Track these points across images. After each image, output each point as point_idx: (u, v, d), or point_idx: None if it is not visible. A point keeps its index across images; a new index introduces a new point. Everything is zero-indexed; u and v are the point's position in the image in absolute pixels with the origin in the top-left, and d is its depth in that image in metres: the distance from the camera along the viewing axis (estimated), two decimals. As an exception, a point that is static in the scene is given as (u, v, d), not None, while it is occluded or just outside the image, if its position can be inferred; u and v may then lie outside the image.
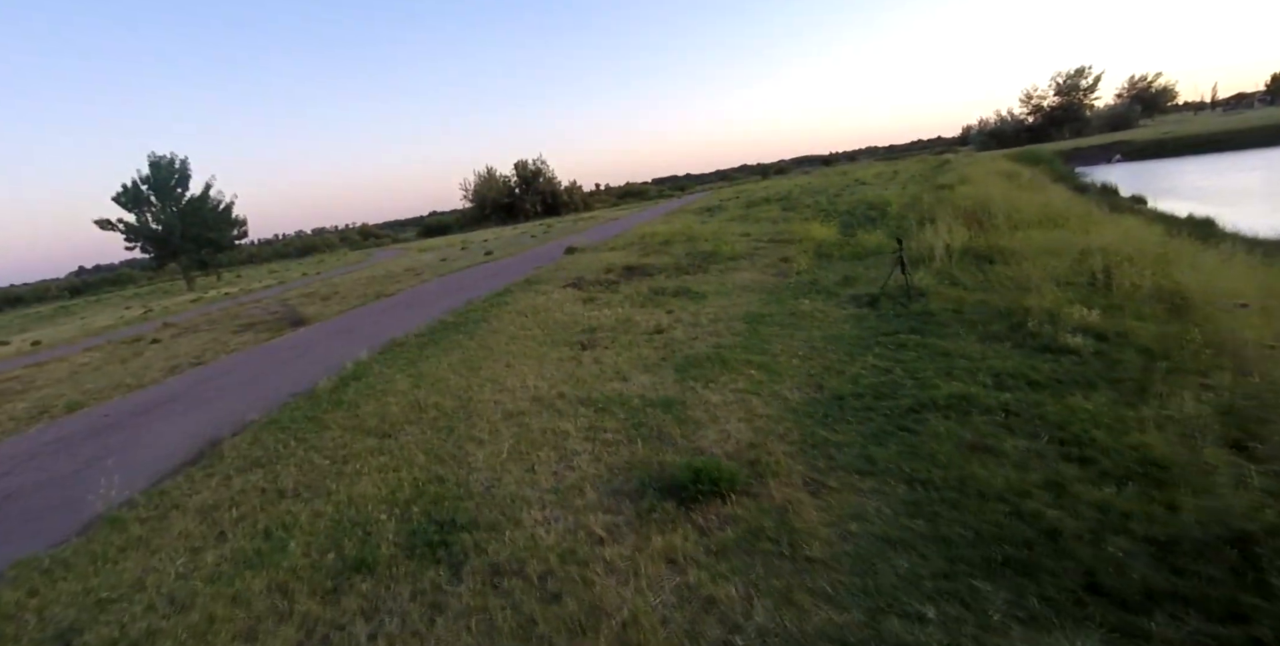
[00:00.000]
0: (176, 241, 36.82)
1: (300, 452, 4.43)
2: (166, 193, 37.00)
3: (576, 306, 8.56)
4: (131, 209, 36.57)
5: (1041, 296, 5.99)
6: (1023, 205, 12.32)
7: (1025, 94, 60.10)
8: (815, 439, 3.72)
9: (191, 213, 37.43)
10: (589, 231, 24.85)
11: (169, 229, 36.58)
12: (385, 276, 19.35)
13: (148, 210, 36.86)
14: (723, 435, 3.89)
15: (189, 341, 12.45)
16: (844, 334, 5.95)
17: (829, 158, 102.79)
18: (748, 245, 13.23)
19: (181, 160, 37.49)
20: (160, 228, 36.77)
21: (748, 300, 7.93)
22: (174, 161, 37.25)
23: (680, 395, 4.64)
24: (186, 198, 37.70)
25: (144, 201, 36.69)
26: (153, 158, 36.86)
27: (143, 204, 36.71)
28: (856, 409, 4.14)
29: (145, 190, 36.60)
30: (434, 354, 6.79)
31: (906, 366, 4.87)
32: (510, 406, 4.78)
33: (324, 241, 72.17)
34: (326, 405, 5.42)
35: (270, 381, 7.08)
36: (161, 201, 37.00)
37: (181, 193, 37.58)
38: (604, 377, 5.26)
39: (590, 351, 6.18)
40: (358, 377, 6.22)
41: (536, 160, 55.92)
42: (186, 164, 37.65)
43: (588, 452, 3.83)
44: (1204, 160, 29.72)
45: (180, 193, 37.52)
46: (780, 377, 4.84)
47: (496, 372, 5.73)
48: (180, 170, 37.41)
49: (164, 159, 37.00)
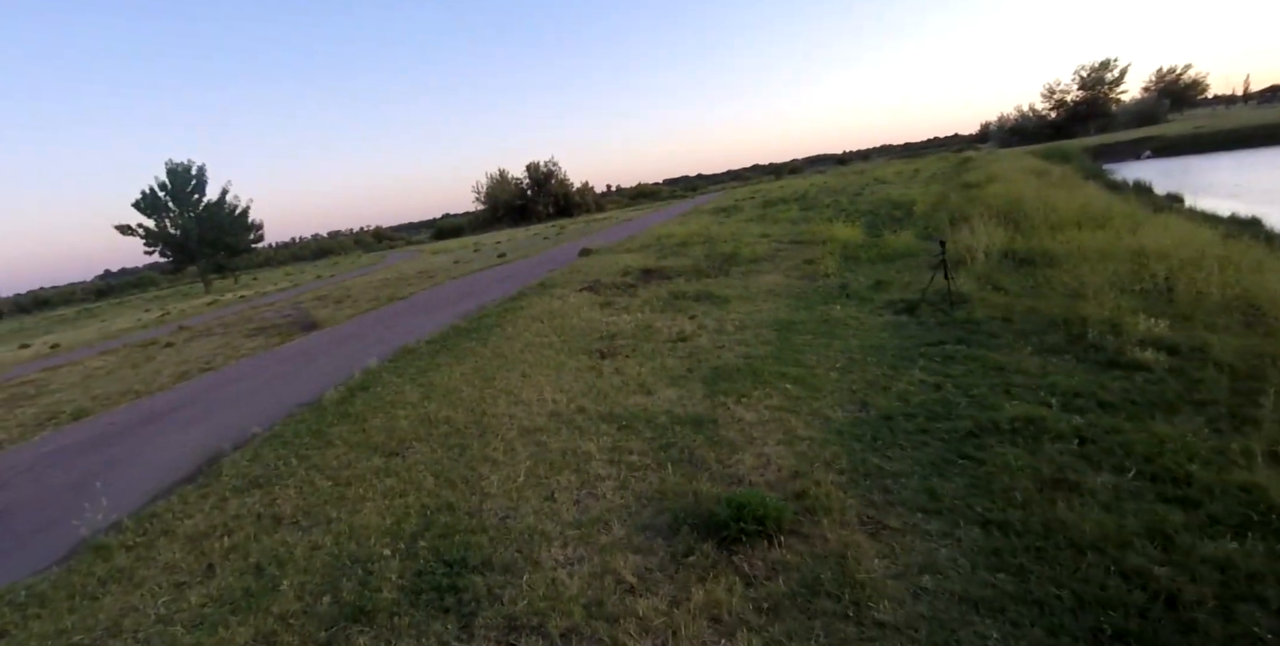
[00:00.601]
0: (194, 246, 37.20)
1: (301, 472, 4.11)
2: (184, 198, 37.41)
3: (594, 311, 8.21)
4: (150, 214, 37.01)
5: (1100, 304, 5.53)
6: (1059, 204, 11.75)
7: (1047, 88, 58.48)
8: (867, 467, 3.33)
9: (208, 218, 37.81)
10: (603, 233, 24.52)
11: (186, 233, 36.97)
12: (398, 279, 19.17)
13: (166, 215, 37.28)
14: (761, 460, 3.51)
15: (201, 345, 12.32)
16: (883, 344, 5.53)
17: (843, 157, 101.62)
18: (769, 247, 12.80)
19: (199, 167, 37.95)
20: (178, 232, 37.15)
21: (774, 305, 7.53)
22: (191, 168, 37.66)
23: (711, 412, 4.26)
24: (204, 203, 38.09)
25: (162, 207, 37.13)
26: (170, 165, 37.30)
27: (161, 209, 37.13)
28: (909, 431, 3.73)
29: (163, 196, 37.05)
30: (446, 362, 6.47)
31: (958, 382, 4.46)
32: (526, 422, 4.43)
33: (338, 244, 72.65)
34: (332, 418, 5.11)
35: (277, 390, 6.81)
36: (179, 207, 37.43)
37: (199, 198, 38.01)
38: (626, 391, 4.89)
39: (610, 361, 5.82)
40: (366, 388, 5.91)
41: (549, 162, 55.63)
42: (204, 170, 38.10)
43: (613, 478, 3.46)
44: (1239, 156, 28.64)
45: (197, 198, 37.95)
46: (819, 393, 4.44)
47: (511, 384, 5.38)
48: (198, 176, 37.83)
49: (181, 165, 37.44)
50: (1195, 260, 6.40)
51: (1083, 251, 7.50)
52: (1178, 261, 6.37)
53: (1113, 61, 54.55)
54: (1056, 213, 10.81)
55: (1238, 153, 29.64)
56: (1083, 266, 6.81)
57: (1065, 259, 7.47)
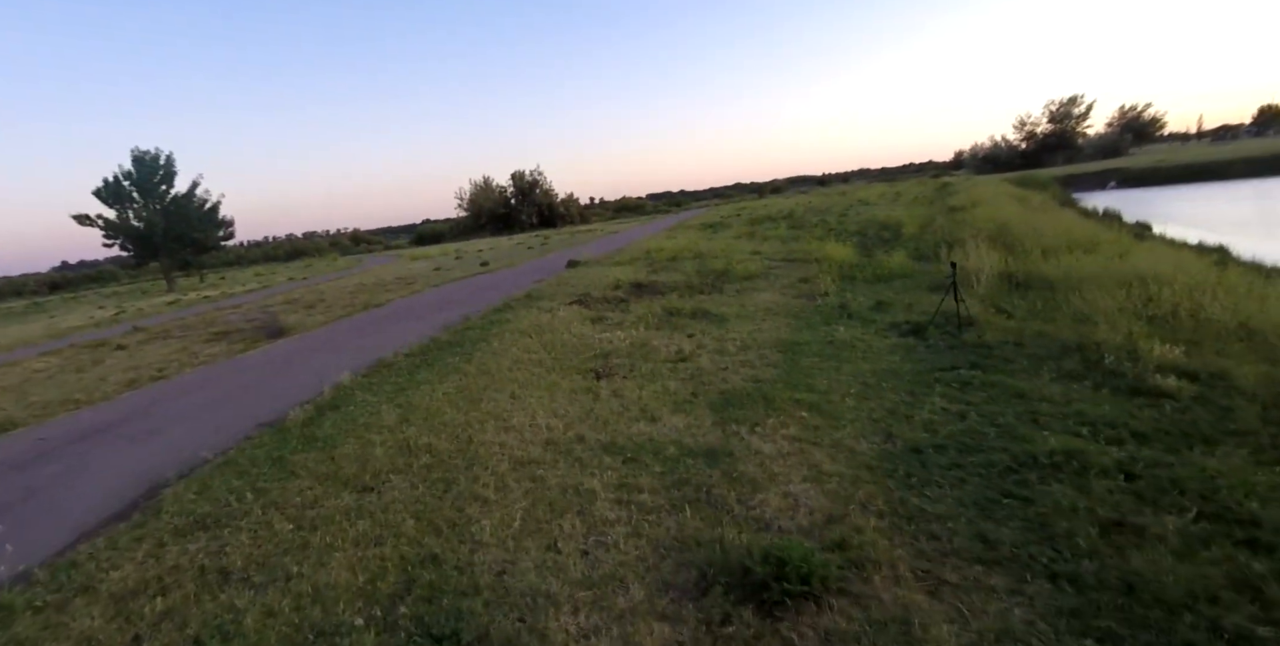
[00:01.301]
0: (158, 240, 35.40)
1: (257, 511, 3.56)
2: (150, 189, 35.58)
3: (585, 327, 7.81)
4: (112, 205, 35.13)
5: (1114, 329, 5.36)
6: (1045, 229, 11.81)
7: (1019, 120, 60.78)
8: (908, 509, 2.99)
9: (175, 211, 36.02)
10: (589, 244, 24.16)
11: (150, 227, 35.15)
12: (375, 285, 18.47)
13: (129, 207, 35.46)
14: (788, 501, 3.14)
15: (156, 349, 11.53)
16: (895, 368, 5.25)
17: (823, 178, 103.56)
18: (761, 264, 12.57)
19: (167, 156, 36.10)
20: (141, 225, 35.40)
21: (775, 325, 7.22)
22: (159, 157, 35.91)
23: (724, 443, 3.89)
24: (171, 195, 36.38)
25: (126, 197, 35.25)
26: (136, 152, 35.51)
27: (124, 200, 35.24)
28: (943, 466, 3.42)
29: (127, 186, 35.22)
30: (427, 379, 5.97)
31: (981, 410, 4.19)
32: (520, 452, 3.99)
33: (314, 246, 70.97)
34: (297, 443, 4.56)
35: (235, 405, 6.23)
36: (144, 198, 35.57)
37: (166, 190, 36.15)
38: (628, 417, 4.49)
39: (607, 382, 5.42)
40: (336, 407, 5.37)
41: (534, 171, 55.16)
42: (172, 160, 36.23)
43: (623, 522, 3.05)
44: (1197, 188, 29.81)
45: (164, 190, 36.09)
46: (838, 422, 4.11)
47: (500, 406, 4.93)
48: (165, 166, 35.99)
49: (148, 154, 35.62)
50: (1195, 286, 6.31)
51: (1081, 276, 7.39)
52: (1180, 287, 6.26)
53: (1080, 97, 56.90)
54: (1045, 237, 10.83)
55: (1195, 185, 30.88)
56: (1086, 291, 6.67)
57: (1063, 283, 7.36)
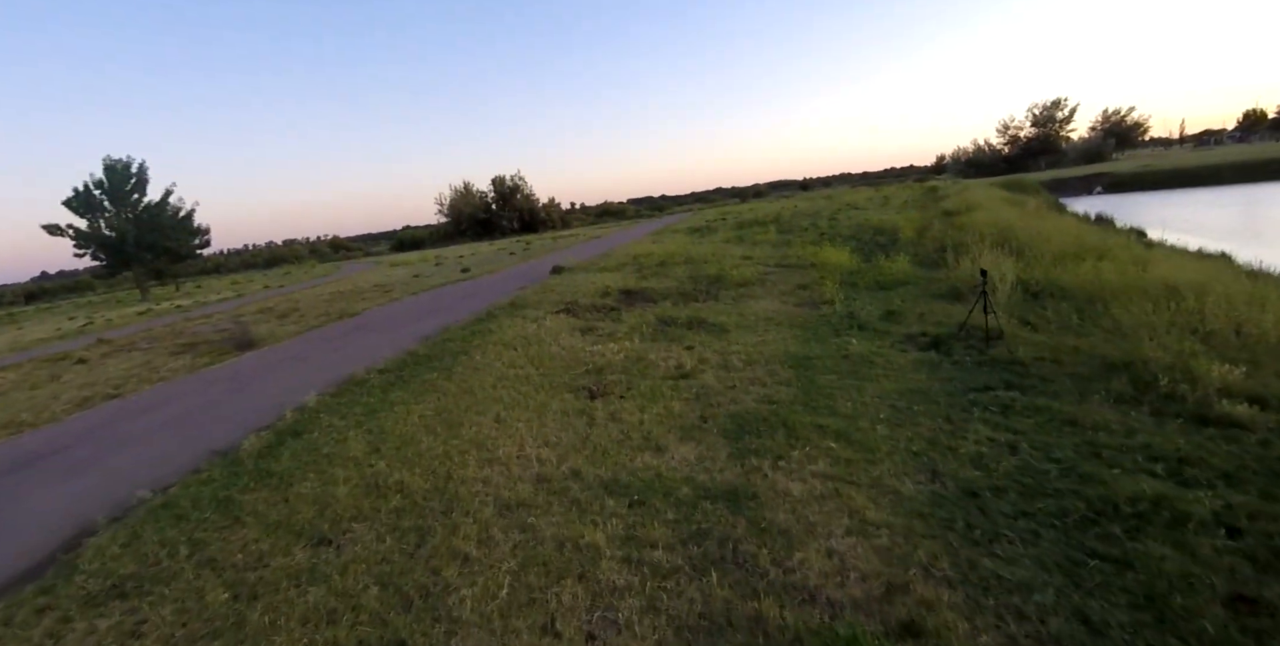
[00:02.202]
0: (130, 249, 34.39)
1: (189, 572, 2.93)
2: (122, 198, 34.65)
3: (574, 338, 7.24)
4: (84, 214, 34.13)
5: (1160, 346, 4.89)
6: (1051, 234, 11.45)
7: (1002, 124, 61.20)
8: (981, 574, 2.46)
9: (148, 219, 35.12)
10: (572, 249, 23.58)
11: (122, 236, 34.15)
12: (352, 292, 17.75)
13: (101, 216, 34.44)
14: (834, 562, 2.60)
15: (117, 363, 10.79)
16: (923, 387, 4.75)
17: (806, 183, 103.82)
18: (755, 270, 12.09)
19: (139, 164, 35.28)
20: (113, 234, 34.33)
21: (780, 337, 6.71)
22: (131, 165, 34.99)
23: (745, 481, 3.35)
24: (143, 204, 35.40)
25: (97, 207, 34.30)
26: (108, 161, 34.57)
27: (95, 209, 34.29)
28: (1008, 515, 2.90)
29: (99, 194, 34.26)
30: (401, 399, 5.36)
31: (1033, 441, 3.69)
32: (507, 492, 3.41)
33: (293, 253, 70.03)
34: (248, 479, 3.94)
35: (189, 429, 5.58)
36: (116, 207, 34.63)
37: (138, 198, 35.28)
38: (629, 445, 3.94)
39: (602, 402, 4.86)
40: (298, 433, 4.73)
41: (514, 176, 54.54)
42: (145, 168, 35.43)
43: (635, 591, 2.48)
44: (1184, 194, 29.99)
45: (136, 198, 35.21)
46: (873, 455, 3.59)
47: (483, 432, 4.34)
48: (138, 174, 35.14)
49: (120, 162, 34.72)
50: (1236, 298, 5.91)
51: (1104, 285, 6.97)
52: (1220, 299, 5.84)
53: (1063, 101, 57.32)
54: (1052, 243, 10.45)
55: (1182, 191, 31.07)
56: (1116, 302, 6.24)
57: (1087, 293, 6.94)
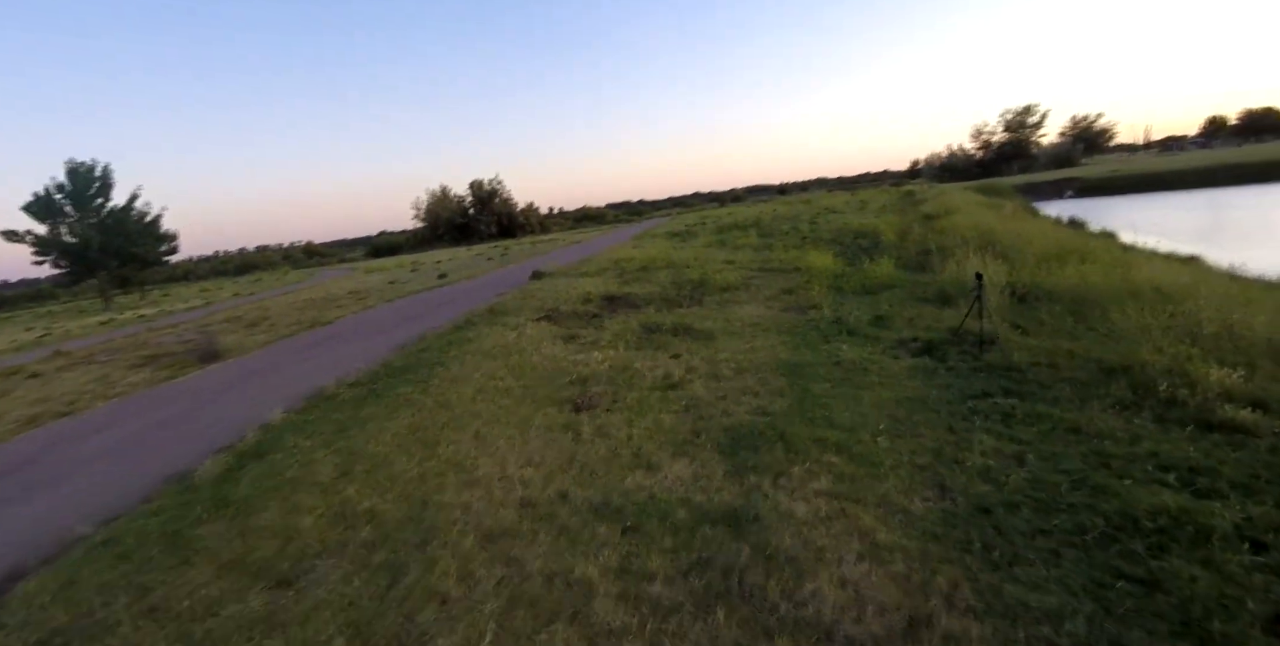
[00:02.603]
0: (94, 256, 33.17)
1: (128, 625, 2.59)
2: (84, 203, 33.48)
3: (556, 347, 6.98)
4: (44, 219, 32.89)
5: (1158, 350, 4.80)
6: (1031, 237, 11.50)
7: (975, 130, 62.32)
8: (1007, 603, 2.27)
9: (113, 225, 33.93)
10: (551, 254, 23.31)
11: (85, 242, 32.93)
12: (325, 300, 17.26)
13: (62, 221, 33.19)
14: (848, 592, 2.39)
15: (73, 377, 10.25)
16: (921, 396, 4.59)
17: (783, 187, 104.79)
18: (738, 274, 11.94)
19: (104, 167, 34.10)
20: (76, 240, 33.09)
21: (769, 343, 6.53)
22: (94, 169, 33.80)
23: (745, 501, 3.13)
24: (108, 208, 34.20)
25: (58, 212, 33.08)
26: (71, 164, 33.38)
27: (57, 214, 33.07)
28: (1024, 533, 2.73)
29: (60, 199, 33.04)
30: (374, 415, 5.04)
31: (1039, 452, 3.55)
32: (489, 519, 3.14)
33: (265, 259, 68.73)
34: (203, 509, 3.59)
35: (142, 451, 5.19)
36: (79, 212, 33.43)
37: (102, 203, 34.10)
38: (619, 463, 3.70)
39: (588, 416, 4.61)
40: (261, 455, 4.38)
41: (492, 180, 54.14)
42: (109, 172, 34.28)
43: (635, 634, 2.22)
44: (1152, 198, 30.76)
45: (100, 203, 34.03)
46: (877, 470, 3.40)
47: (463, 451, 4.06)
48: (102, 178, 33.98)
49: (83, 166, 33.54)
50: (1224, 299, 5.88)
51: (1092, 288, 6.93)
52: (1210, 302, 5.80)
53: (1034, 107, 58.52)
54: (1034, 246, 10.48)
55: (1150, 195, 31.91)
56: (1105, 305, 6.18)
57: (1075, 296, 6.88)
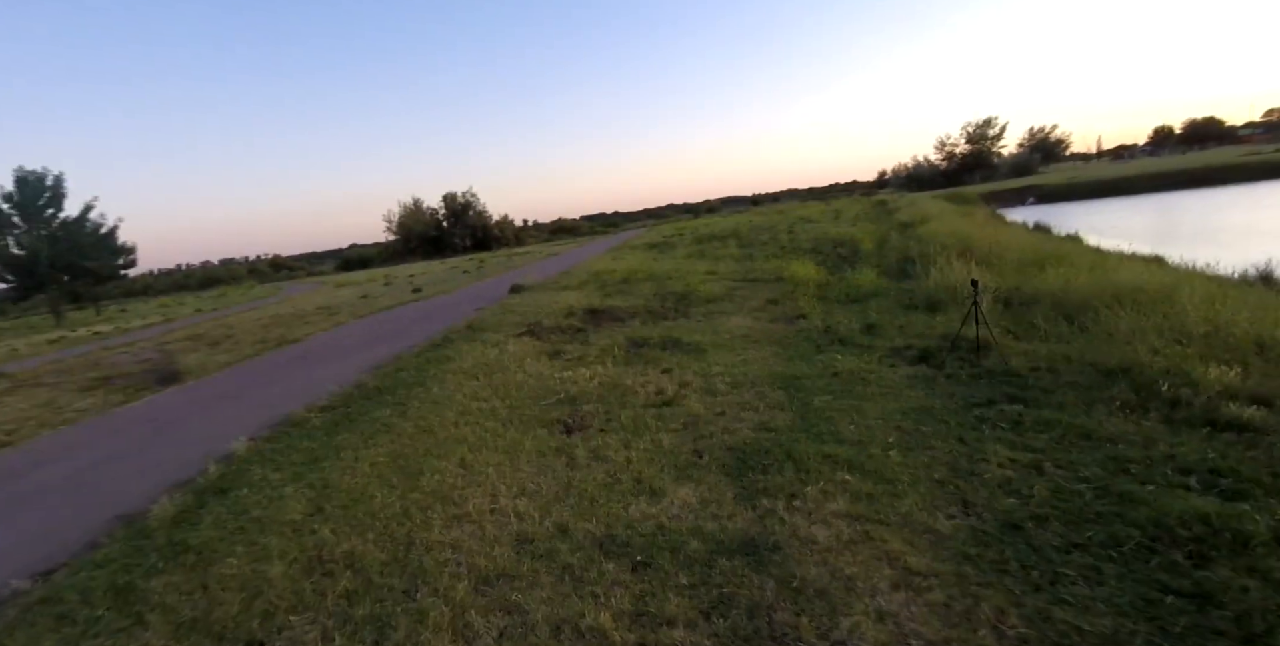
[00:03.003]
0: (44, 269, 31.58)
1: None
2: (34, 213, 31.90)
3: (541, 364, 6.70)
4: (-11, 231, 31.22)
5: (1155, 351, 4.75)
6: (1008, 243, 11.65)
7: (939, 141, 64.08)
8: (1059, 629, 2.08)
9: (65, 237, 32.39)
10: (529, 267, 22.96)
11: (35, 255, 31.34)
12: (293, 316, 16.62)
13: (10, 233, 31.56)
14: (888, 627, 2.17)
15: (16, 402, 9.54)
16: (925, 405, 4.45)
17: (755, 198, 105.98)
18: (721, 285, 11.83)
19: (55, 177, 32.57)
20: (24, 253, 31.47)
21: (761, 355, 6.36)
22: (45, 178, 32.27)
23: (761, 528, 2.90)
24: (59, 220, 32.67)
25: (5, 223, 31.46)
26: (19, 173, 31.84)
27: (4, 226, 31.44)
28: (1059, 549, 2.57)
29: (8, 210, 31.45)
30: (349, 443, 4.69)
31: (1055, 459, 3.42)
32: (483, 560, 2.84)
33: (230, 273, 66.80)
34: (157, 557, 3.19)
35: (88, 489, 4.73)
36: (28, 223, 31.85)
37: (54, 214, 32.56)
38: (620, 490, 3.44)
39: (581, 438, 4.35)
40: (224, 491, 3.99)
41: (466, 192, 53.61)
42: (61, 181, 32.74)
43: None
44: (1107, 203, 31.95)
45: (52, 214, 32.48)
46: (895, 487, 3.21)
47: (448, 481, 3.76)
48: (54, 188, 32.44)
49: (33, 174, 32.02)
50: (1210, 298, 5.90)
51: (1075, 291, 6.93)
52: (1197, 301, 5.82)
53: (994, 119, 60.52)
54: (1011, 251, 10.59)
55: (1105, 200, 33.21)
56: (1094, 307, 6.17)
57: (1059, 299, 6.88)
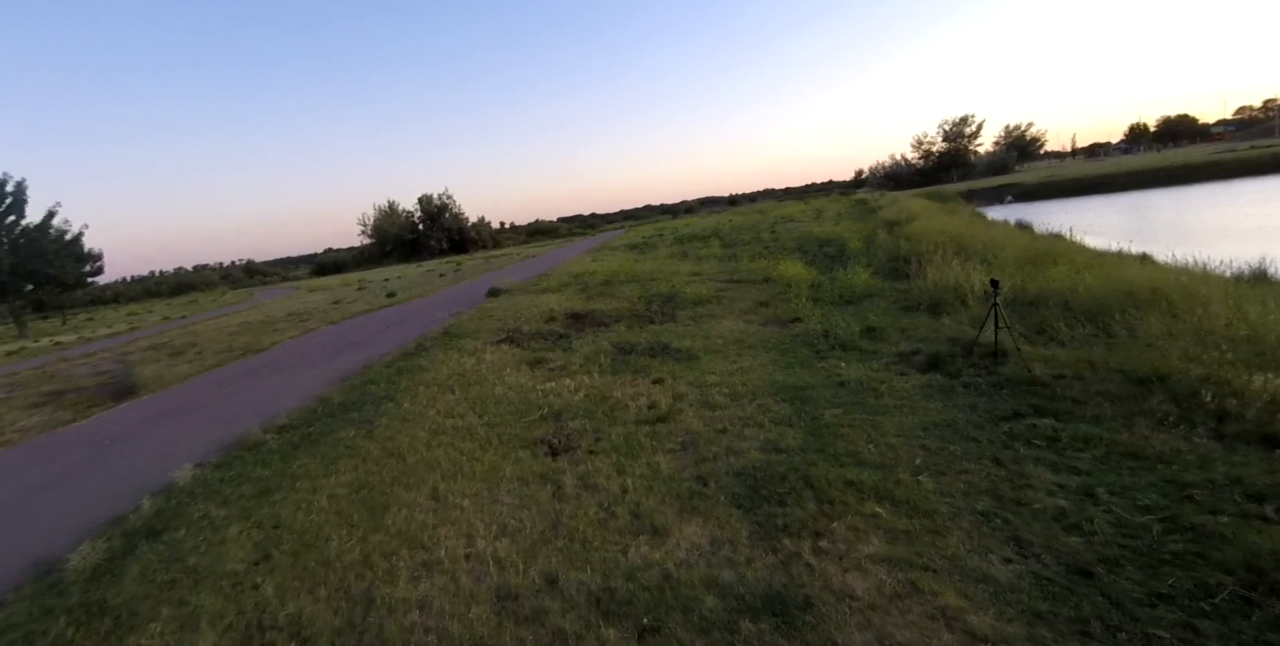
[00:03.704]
0: (4, 278, 30.18)
1: None
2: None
3: (522, 374, 6.22)
4: (-54, 239, 29.72)
5: (1190, 358, 4.42)
6: (1001, 241, 11.41)
7: (916, 139, 64.35)
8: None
9: (26, 245, 31.00)
10: (507, 270, 22.38)
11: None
12: (262, 323, 15.88)
13: (-33, 241, 30.09)
14: (959, 723, 1.76)
15: (-47, 423, 8.81)
16: (947, 420, 4.06)
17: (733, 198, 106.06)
18: (708, 286, 11.42)
19: (16, 182, 31.09)
20: (-19, 261, 30.05)
21: (758, 362, 5.95)
22: (6, 183, 30.83)
23: (785, 577, 2.47)
24: (21, 227, 31.27)
25: (-38, 231, 29.99)
26: (-21, 179, 30.37)
27: (-39, 234, 29.97)
28: (1142, 602, 2.18)
29: (-34, 217, 29.98)
30: (306, 470, 4.16)
31: (1107, 484, 3.05)
32: (457, 624, 2.36)
33: (202, 279, 64.99)
34: (67, 622, 2.63)
35: (10, 528, 4.15)
36: (-13, 230, 30.39)
37: (15, 220, 31.09)
38: (616, 528, 2.98)
39: (568, 461, 3.88)
40: (157, 533, 3.42)
41: (442, 194, 52.51)
42: (23, 187, 31.26)
43: None
44: (1085, 201, 32.26)
45: (13, 221, 31.01)
46: (934, 522, 2.80)
47: (417, 518, 3.26)
48: (14, 194, 30.95)
49: (-7, 180, 30.59)
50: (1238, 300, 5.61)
51: (1087, 291, 6.63)
52: (1218, 302, 5.53)
53: (971, 117, 61.01)
54: (1005, 249, 10.34)
55: (1083, 198, 33.54)
56: (1113, 309, 5.85)
57: (1068, 299, 6.58)
